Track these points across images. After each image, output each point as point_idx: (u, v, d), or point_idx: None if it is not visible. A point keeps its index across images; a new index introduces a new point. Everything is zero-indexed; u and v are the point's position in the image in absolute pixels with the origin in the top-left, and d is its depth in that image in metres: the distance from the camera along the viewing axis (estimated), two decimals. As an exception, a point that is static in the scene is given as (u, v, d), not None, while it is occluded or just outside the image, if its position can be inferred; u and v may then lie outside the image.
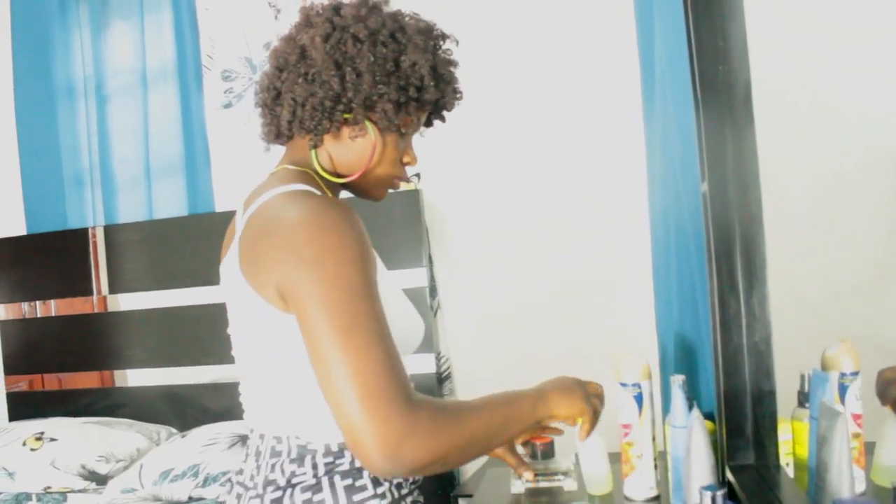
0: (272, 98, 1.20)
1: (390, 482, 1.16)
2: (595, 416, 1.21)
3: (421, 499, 1.24)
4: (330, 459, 1.12)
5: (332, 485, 1.12)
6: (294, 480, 1.13)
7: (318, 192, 1.14)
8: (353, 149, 1.19)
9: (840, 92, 1.42)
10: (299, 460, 1.13)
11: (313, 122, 1.16)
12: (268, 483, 1.14)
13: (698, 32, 1.37)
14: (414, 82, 1.15)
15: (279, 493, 1.12)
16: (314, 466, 1.12)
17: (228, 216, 2.83)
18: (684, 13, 1.41)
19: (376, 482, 1.14)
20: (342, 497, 1.12)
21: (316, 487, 1.12)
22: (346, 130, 1.18)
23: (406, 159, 1.23)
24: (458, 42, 1.24)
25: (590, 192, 2.53)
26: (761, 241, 1.33)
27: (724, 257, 1.34)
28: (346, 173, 1.20)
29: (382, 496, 1.14)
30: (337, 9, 1.19)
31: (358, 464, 1.12)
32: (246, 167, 2.95)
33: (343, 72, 1.13)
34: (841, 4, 1.52)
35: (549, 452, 1.69)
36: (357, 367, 0.95)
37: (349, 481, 1.12)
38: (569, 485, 1.64)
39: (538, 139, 2.59)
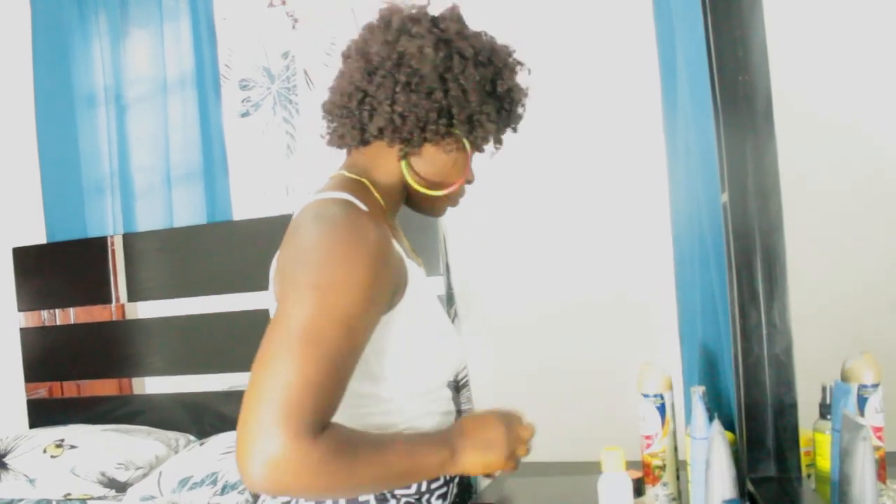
0: (358, 101, 1.16)
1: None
2: (515, 467, 1.16)
3: None
4: None
5: None
6: None
7: (362, 205, 1.11)
8: (441, 162, 1.20)
9: (864, 99, 1.41)
10: None
11: (412, 133, 1.15)
12: None
13: (718, 43, 1.36)
14: (506, 106, 1.21)
15: None
16: None
17: (246, 224, 2.86)
18: (703, 23, 1.41)
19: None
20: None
21: None
22: (430, 144, 1.18)
23: (470, 178, 1.26)
24: (530, 71, 1.28)
25: (611, 201, 2.52)
26: (782, 251, 1.32)
27: (744, 267, 1.34)
28: (430, 187, 1.20)
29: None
30: (435, 21, 1.19)
31: None
32: (263, 176, 2.97)
33: (448, 86, 1.13)
34: (861, 13, 1.51)
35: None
36: (281, 382, 0.93)
37: None
38: None
39: (558, 148, 2.59)
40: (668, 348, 1.87)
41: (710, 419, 1.31)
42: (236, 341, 2.89)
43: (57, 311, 3.19)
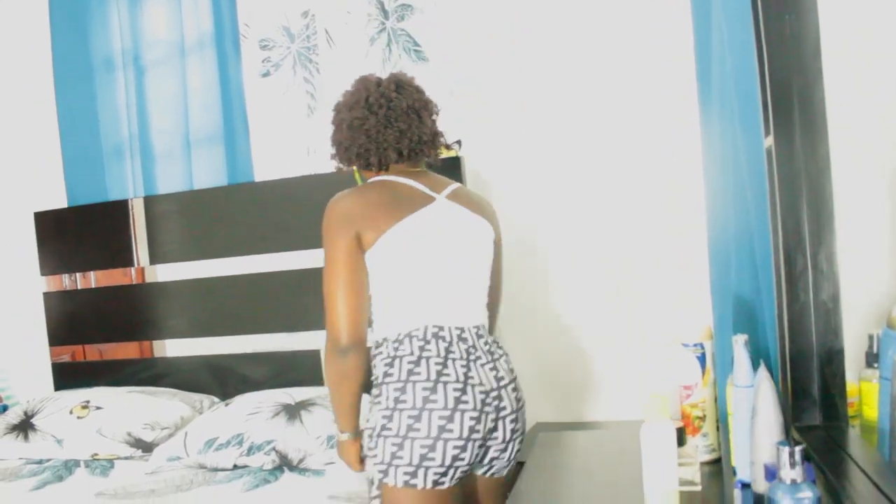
0: (433, 137, 1.84)
1: None
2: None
3: None
4: None
5: None
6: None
7: None
8: None
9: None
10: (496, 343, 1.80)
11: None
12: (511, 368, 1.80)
13: (763, -21, 1.32)
14: None
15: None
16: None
17: (268, 186, 2.88)
18: (747, -40, 1.36)
19: None
20: None
21: None
22: None
23: None
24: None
25: (640, 153, 2.48)
26: (829, 194, 1.28)
27: (790, 212, 1.30)
28: None
29: None
30: None
31: None
32: (284, 136, 2.94)
33: None
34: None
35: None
36: None
37: None
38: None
39: (585, 98, 2.54)
40: (703, 300, 1.83)
41: (755, 367, 1.28)
42: (258, 303, 2.88)
43: (78, 275, 3.19)
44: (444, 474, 1.60)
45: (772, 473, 1.11)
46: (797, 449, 0.94)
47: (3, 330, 3.37)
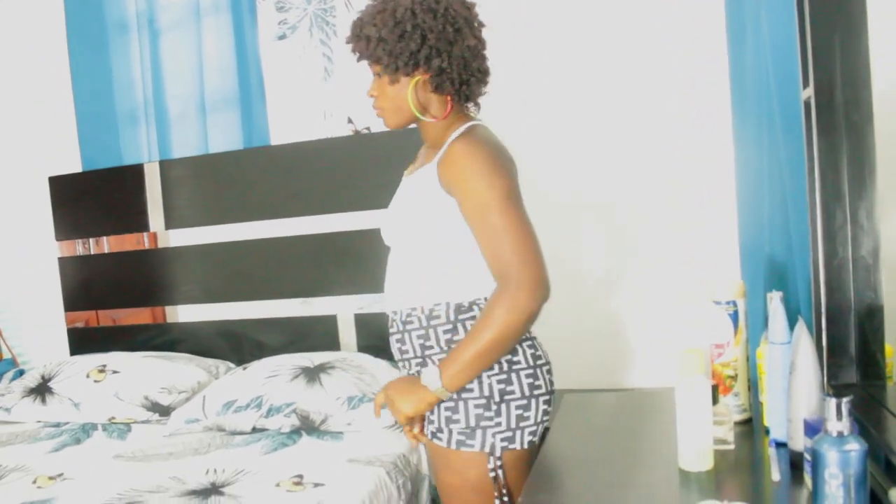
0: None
1: None
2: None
3: None
4: None
5: None
6: None
7: None
8: None
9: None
10: None
11: None
12: None
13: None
14: None
15: None
16: None
17: (284, 149, 2.79)
18: None
19: None
20: None
21: None
22: None
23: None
24: None
25: (665, 112, 2.41)
26: (871, 147, 1.24)
27: (829, 165, 1.26)
28: None
29: None
30: None
31: None
32: (301, 100, 2.89)
33: None
34: None
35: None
36: None
37: None
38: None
39: (611, 52, 2.48)
40: (732, 260, 1.80)
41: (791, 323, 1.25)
42: (273, 269, 2.85)
43: (91, 240, 3.17)
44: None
45: (812, 429, 1.09)
46: (844, 400, 0.91)
47: (20, 295, 3.36)
